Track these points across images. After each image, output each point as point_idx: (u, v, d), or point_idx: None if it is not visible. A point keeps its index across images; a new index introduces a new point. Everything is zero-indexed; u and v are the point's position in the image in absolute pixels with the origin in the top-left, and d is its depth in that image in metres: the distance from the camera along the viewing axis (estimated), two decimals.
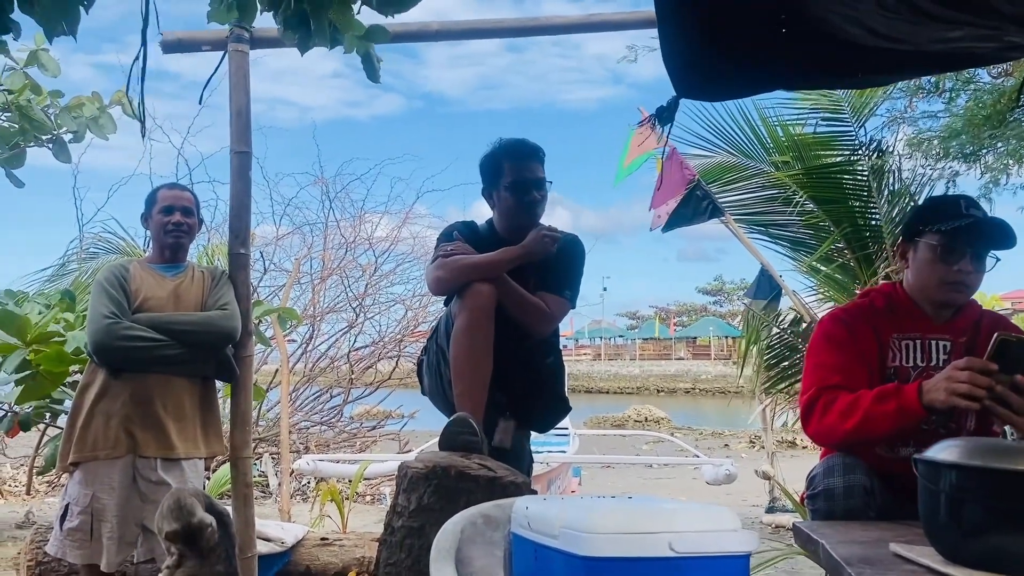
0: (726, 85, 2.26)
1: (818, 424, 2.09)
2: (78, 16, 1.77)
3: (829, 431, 2.07)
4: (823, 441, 2.17)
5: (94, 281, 3.07)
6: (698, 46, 1.97)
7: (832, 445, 2.14)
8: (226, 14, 2.31)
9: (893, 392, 1.99)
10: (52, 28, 1.72)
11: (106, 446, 2.90)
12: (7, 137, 6.54)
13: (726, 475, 6.42)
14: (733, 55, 2.01)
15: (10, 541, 5.92)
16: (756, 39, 1.95)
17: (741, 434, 17.69)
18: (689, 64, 2.01)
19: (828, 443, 2.16)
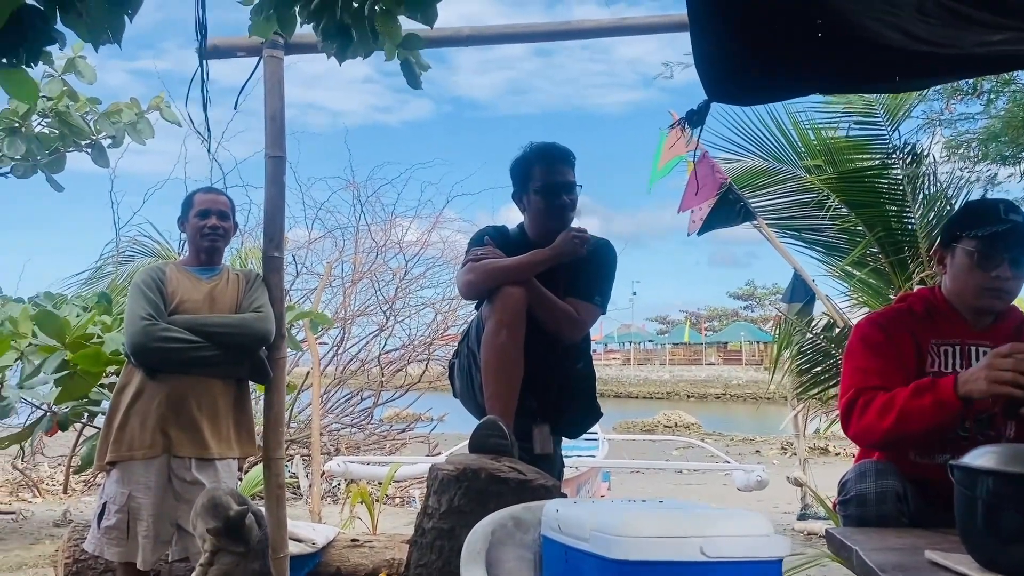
0: (758, 89, 2.25)
1: (857, 424, 2.07)
2: (123, 24, 1.81)
3: (868, 430, 2.05)
4: (863, 441, 2.15)
5: (131, 283, 3.12)
6: (730, 50, 1.97)
7: (872, 445, 2.12)
8: (267, 27, 2.35)
9: (929, 386, 1.97)
10: (97, 37, 1.76)
11: (142, 446, 2.94)
12: (47, 142, 6.69)
13: (757, 481, 6.36)
14: (766, 59, 2.00)
15: (48, 539, 6.03)
16: (790, 43, 1.94)
17: (772, 440, 17.51)
18: (721, 68, 2.00)
19: (868, 443, 2.14)
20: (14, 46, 1.70)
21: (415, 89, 2.64)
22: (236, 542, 2.35)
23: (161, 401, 2.95)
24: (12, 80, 1.79)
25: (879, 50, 1.88)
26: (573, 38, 3.67)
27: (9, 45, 1.69)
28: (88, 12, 1.71)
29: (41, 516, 7.17)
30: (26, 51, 1.74)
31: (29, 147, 6.53)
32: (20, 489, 8.54)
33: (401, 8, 2.25)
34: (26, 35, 1.68)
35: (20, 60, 1.75)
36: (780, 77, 2.10)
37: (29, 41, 1.71)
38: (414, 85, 2.60)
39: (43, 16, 1.67)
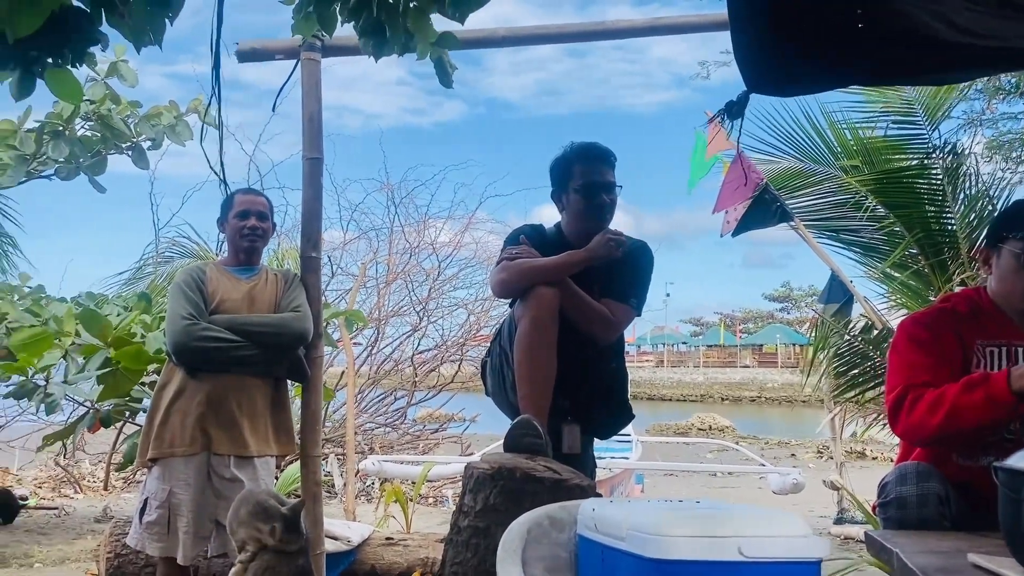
0: (798, 80, 2.22)
1: (906, 421, 2.04)
2: (164, 26, 1.85)
3: (918, 427, 2.02)
4: (912, 438, 2.12)
5: (172, 283, 3.17)
6: (770, 40, 1.95)
7: (922, 442, 2.09)
8: (308, 26, 2.38)
9: (980, 381, 1.94)
10: (140, 38, 1.80)
11: (182, 443, 2.99)
12: (90, 145, 6.83)
13: (793, 484, 6.29)
14: (806, 50, 1.97)
15: (89, 534, 6.15)
16: (830, 34, 1.91)
17: (808, 444, 17.31)
18: (761, 59, 1.98)
19: (918, 440, 2.11)
20: (59, 47, 1.74)
21: (447, 88, 2.67)
22: (296, 537, 2.38)
23: (201, 399, 2.99)
24: (58, 80, 1.83)
25: (921, 41, 1.85)
26: (608, 38, 3.67)
27: (54, 46, 1.73)
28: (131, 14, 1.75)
29: (82, 512, 7.31)
30: (71, 51, 1.78)
31: (72, 150, 6.69)
32: (62, 485, 8.71)
33: (433, 6, 2.27)
34: (71, 36, 1.72)
35: (65, 60, 1.79)
36: (820, 68, 2.07)
37: (74, 42, 1.75)
38: (446, 84, 2.63)
39: (88, 17, 1.71)
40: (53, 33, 1.54)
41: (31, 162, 6.75)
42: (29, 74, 1.78)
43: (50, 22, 1.57)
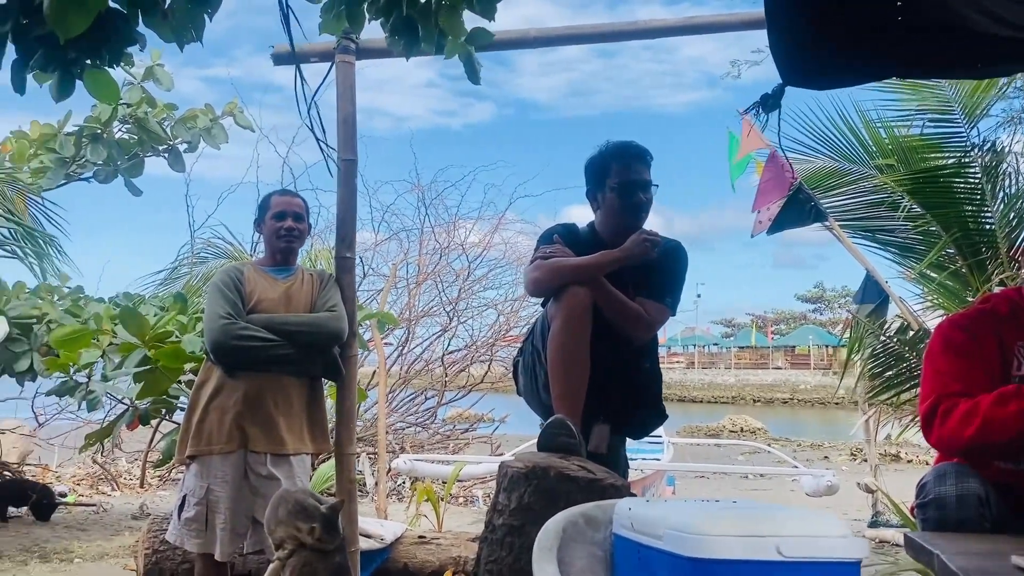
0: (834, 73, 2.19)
1: (939, 432, 2.02)
2: (204, 23, 1.88)
3: (950, 439, 2.00)
4: (945, 449, 2.10)
5: (210, 283, 3.22)
6: (807, 32, 1.93)
7: (956, 453, 2.07)
8: (337, 24, 2.41)
9: (1014, 394, 1.91)
10: (182, 35, 1.83)
11: (220, 441, 3.03)
12: (127, 147, 6.96)
13: (827, 486, 6.23)
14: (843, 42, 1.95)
15: (127, 530, 6.26)
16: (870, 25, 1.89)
17: (841, 446, 17.12)
18: (797, 50, 1.96)
19: (952, 451, 2.09)
20: (97, 47, 1.78)
21: (475, 84, 2.69)
22: (334, 536, 2.40)
23: (238, 398, 3.02)
24: (95, 81, 1.86)
25: (962, 34, 1.82)
26: (641, 38, 3.66)
27: (92, 46, 1.76)
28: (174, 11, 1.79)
29: (120, 509, 7.43)
30: (108, 52, 1.81)
31: (110, 152, 6.81)
32: (100, 482, 8.86)
33: (463, 4, 2.28)
34: (109, 37, 1.75)
35: (103, 61, 1.83)
36: (857, 60, 2.04)
37: (111, 43, 1.78)
38: (475, 81, 2.65)
39: (124, 18, 1.74)
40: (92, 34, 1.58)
41: (70, 165, 6.89)
42: (68, 75, 1.81)
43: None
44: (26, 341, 5.79)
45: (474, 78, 2.65)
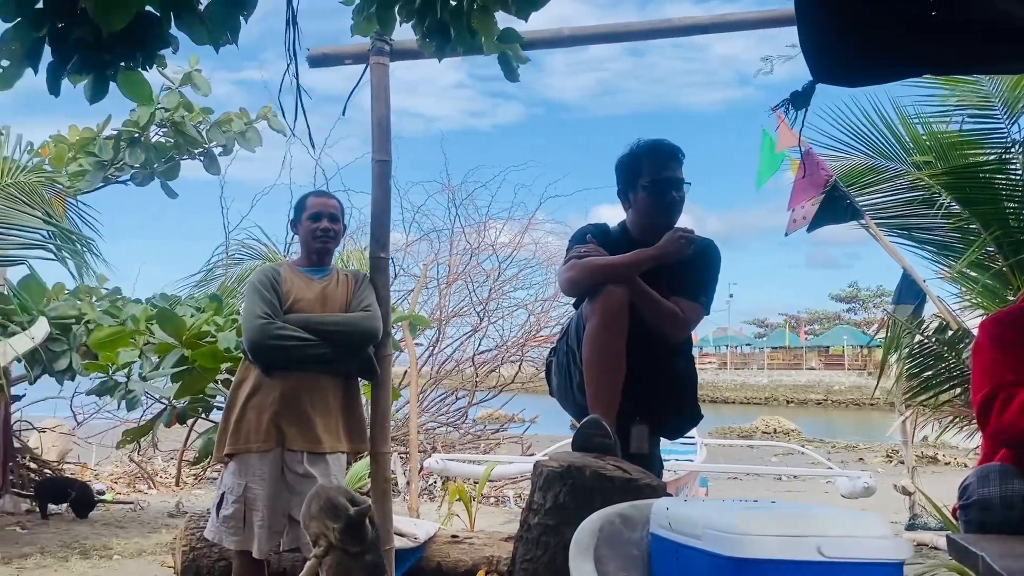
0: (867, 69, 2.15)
1: (997, 422, 1.99)
2: (239, 25, 1.90)
3: (1009, 427, 1.98)
4: (1004, 438, 2.07)
5: (248, 283, 3.25)
6: (838, 29, 1.90)
7: (1014, 443, 2.04)
8: (368, 26, 2.42)
9: None
10: (217, 37, 1.85)
11: (257, 439, 3.05)
12: (163, 151, 7.07)
13: (864, 488, 6.15)
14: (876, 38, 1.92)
15: (164, 528, 6.35)
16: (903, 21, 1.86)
17: (877, 448, 16.90)
18: (828, 47, 1.93)
19: (1010, 440, 2.06)
20: (131, 49, 1.81)
21: (513, 82, 2.67)
22: (355, 541, 2.41)
23: (276, 397, 3.05)
24: (129, 83, 1.89)
25: (1000, 30, 1.79)
26: (671, 36, 3.64)
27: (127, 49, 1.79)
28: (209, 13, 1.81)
29: (156, 507, 7.54)
30: (142, 54, 1.84)
31: (147, 156, 6.93)
32: (137, 481, 9.00)
33: (497, 5, 2.28)
34: (143, 39, 1.78)
35: (137, 63, 1.86)
36: (890, 56, 2.00)
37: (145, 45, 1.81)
38: (512, 78, 2.63)
39: (159, 20, 1.77)
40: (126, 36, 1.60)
41: (108, 168, 7.02)
42: (103, 77, 1.84)
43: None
44: (65, 341, 5.91)
45: (512, 76, 2.63)
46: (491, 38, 2.41)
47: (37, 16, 1.69)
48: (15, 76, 1.75)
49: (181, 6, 1.78)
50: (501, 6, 2.29)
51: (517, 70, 2.60)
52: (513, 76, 2.61)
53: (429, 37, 2.35)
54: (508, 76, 2.60)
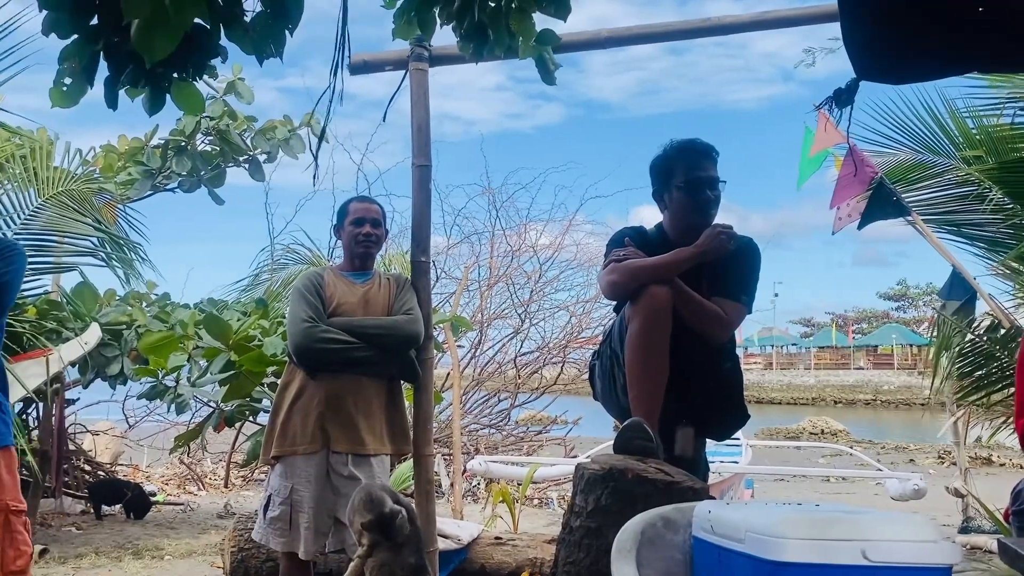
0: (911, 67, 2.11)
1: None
2: (284, 39, 1.94)
3: None
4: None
5: (292, 288, 3.31)
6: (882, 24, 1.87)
7: None
8: (409, 29, 2.44)
9: None
10: (262, 51, 1.89)
11: (303, 441, 3.10)
12: (209, 159, 7.22)
13: (914, 490, 6.02)
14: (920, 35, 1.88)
15: (213, 529, 6.47)
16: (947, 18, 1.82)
17: (928, 449, 16.55)
18: (871, 43, 1.90)
19: None
20: (183, 61, 1.85)
21: (549, 85, 2.68)
22: (385, 537, 2.44)
23: (320, 399, 3.10)
24: (182, 93, 1.94)
25: None
26: (712, 35, 3.61)
27: (179, 61, 1.84)
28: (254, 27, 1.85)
29: (206, 508, 7.69)
30: (193, 66, 1.89)
31: (194, 164, 7.08)
32: (186, 483, 9.17)
33: (535, 5, 2.29)
34: (194, 51, 1.82)
35: (189, 74, 1.91)
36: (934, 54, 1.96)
37: (196, 56, 1.86)
38: (549, 81, 2.64)
39: (208, 32, 1.81)
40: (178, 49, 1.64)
41: (156, 176, 7.18)
42: (159, 90, 1.89)
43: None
44: (117, 346, 6.06)
45: (548, 78, 2.64)
46: (529, 39, 2.42)
47: (93, 32, 1.74)
48: (80, 92, 1.81)
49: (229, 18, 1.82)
50: (538, 7, 2.30)
51: (553, 73, 2.60)
52: (549, 79, 2.61)
53: (468, 39, 2.36)
54: (545, 79, 2.61)
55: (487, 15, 2.27)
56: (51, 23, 1.71)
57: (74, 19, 1.71)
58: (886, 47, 1.91)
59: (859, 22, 1.88)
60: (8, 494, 2.68)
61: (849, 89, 2.08)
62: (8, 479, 2.70)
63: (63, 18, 1.71)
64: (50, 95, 1.82)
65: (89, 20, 1.72)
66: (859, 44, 1.89)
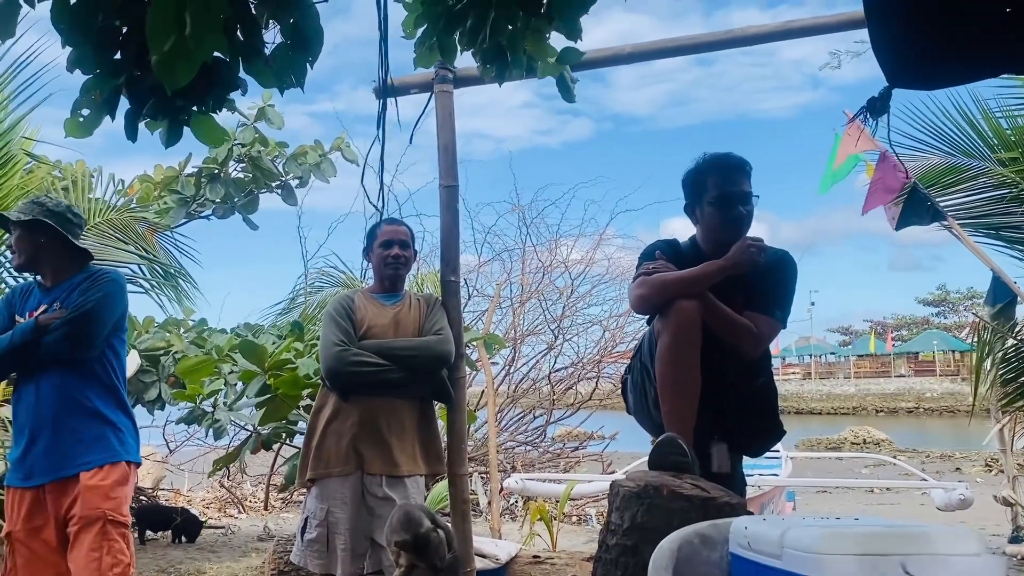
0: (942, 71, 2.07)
1: None
2: (305, 70, 1.97)
3: None
4: None
5: (324, 312, 3.34)
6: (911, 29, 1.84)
7: None
8: (431, 57, 2.47)
9: None
10: (283, 82, 1.93)
11: (338, 464, 3.12)
12: (242, 185, 7.33)
13: (960, 500, 5.89)
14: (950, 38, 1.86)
15: (253, 552, 6.51)
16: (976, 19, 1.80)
17: (974, 456, 16.19)
18: (901, 49, 1.88)
19: None
20: (202, 95, 1.89)
21: (570, 103, 2.69)
22: (421, 557, 2.44)
23: (354, 421, 3.12)
24: (201, 127, 1.97)
25: None
26: (737, 46, 3.60)
27: (198, 94, 1.87)
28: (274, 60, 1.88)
29: (246, 531, 7.75)
30: (213, 99, 1.92)
31: (227, 191, 7.19)
32: (227, 506, 9.26)
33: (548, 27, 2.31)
34: (213, 84, 1.86)
35: (208, 108, 1.94)
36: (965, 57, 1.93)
37: (216, 90, 1.89)
38: (569, 99, 2.65)
39: (227, 65, 1.85)
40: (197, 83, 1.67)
41: (191, 204, 7.30)
42: (176, 123, 1.93)
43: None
44: (155, 372, 6.15)
45: (569, 97, 2.65)
46: (545, 59, 2.43)
47: (115, 66, 1.79)
48: (95, 124, 1.86)
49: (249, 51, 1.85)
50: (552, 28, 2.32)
51: (573, 91, 2.61)
52: (570, 97, 2.63)
53: (488, 62, 2.39)
54: (565, 97, 2.63)
55: (505, 38, 2.29)
56: (76, 59, 1.75)
57: (98, 54, 1.75)
58: (915, 52, 1.88)
59: (886, 28, 1.85)
60: (108, 504, 2.88)
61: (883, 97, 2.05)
62: (113, 492, 2.90)
63: (87, 53, 1.75)
64: (65, 125, 1.87)
65: (112, 55, 1.77)
66: (888, 50, 1.87)
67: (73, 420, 2.91)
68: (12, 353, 2.92)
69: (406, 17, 2.40)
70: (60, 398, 2.92)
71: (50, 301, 2.99)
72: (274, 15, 1.83)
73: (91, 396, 2.95)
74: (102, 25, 1.73)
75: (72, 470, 2.89)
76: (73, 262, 3.08)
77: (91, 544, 2.83)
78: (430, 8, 2.29)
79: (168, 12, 1.50)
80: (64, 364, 2.92)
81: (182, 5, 1.50)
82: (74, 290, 2.99)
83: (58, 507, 2.90)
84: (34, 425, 2.93)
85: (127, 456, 3.00)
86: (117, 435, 2.98)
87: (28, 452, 2.93)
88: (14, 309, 3.06)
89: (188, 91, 1.72)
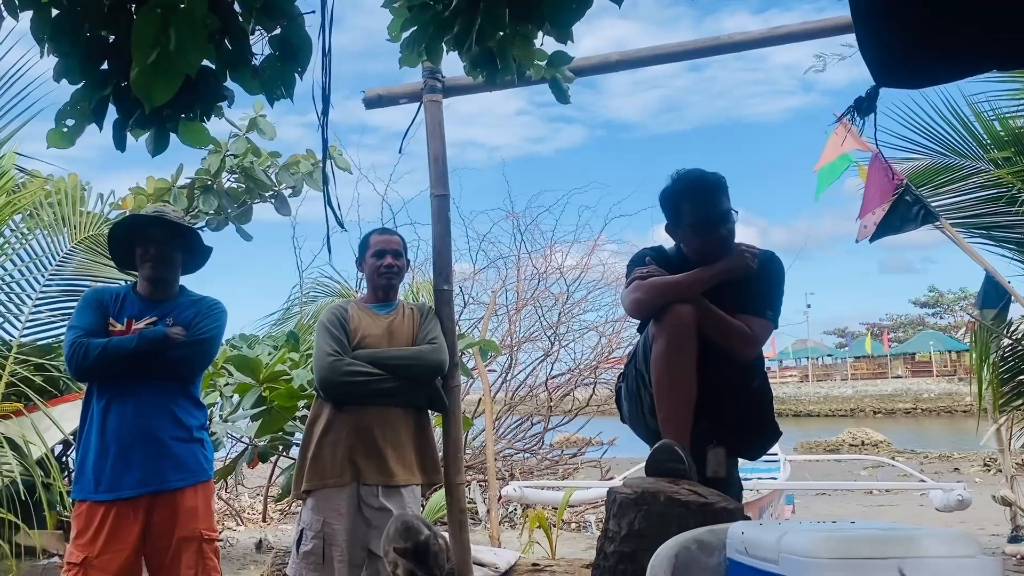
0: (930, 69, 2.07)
1: None
2: (295, 81, 1.97)
3: None
4: None
5: (317, 322, 3.33)
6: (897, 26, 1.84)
7: None
8: (416, 58, 2.46)
9: None
10: (272, 92, 1.92)
11: (333, 475, 3.11)
12: (236, 196, 7.31)
13: (958, 501, 5.88)
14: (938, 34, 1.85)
15: (252, 564, 6.47)
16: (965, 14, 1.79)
17: (973, 456, 16.21)
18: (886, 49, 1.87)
19: None
20: (190, 104, 1.89)
21: (564, 104, 2.68)
22: (420, 566, 2.43)
23: (349, 432, 3.11)
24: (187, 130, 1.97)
25: None
26: (725, 52, 3.60)
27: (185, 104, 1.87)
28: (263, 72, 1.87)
29: (244, 543, 7.70)
30: (200, 108, 1.92)
31: (221, 202, 7.18)
32: (224, 518, 9.21)
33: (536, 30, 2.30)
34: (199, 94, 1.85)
35: (195, 116, 1.94)
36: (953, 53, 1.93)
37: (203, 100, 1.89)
38: (563, 100, 2.64)
39: (214, 75, 1.84)
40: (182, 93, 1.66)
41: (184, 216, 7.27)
42: (163, 131, 1.92)
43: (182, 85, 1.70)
44: None
45: (563, 98, 2.64)
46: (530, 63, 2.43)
47: (102, 77, 1.78)
48: (77, 134, 1.85)
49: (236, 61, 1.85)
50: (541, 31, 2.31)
51: (567, 93, 2.61)
52: (564, 98, 2.62)
53: (476, 66, 2.38)
54: (559, 99, 2.61)
55: (494, 42, 2.29)
56: (62, 70, 1.75)
57: (85, 65, 1.75)
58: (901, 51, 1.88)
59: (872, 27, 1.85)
60: (203, 523, 2.98)
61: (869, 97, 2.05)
62: (205, 510, 3.01)
63: (74, 64, 1.74)
64: (48, 136, 1.86)
65: (99, 66, 1.76)
66: (874, 50, 1.87)
67: (170, 435, 2.94)
68: (132, 358, 2.88)
69: (392, 21, 2.39)
70: (160, 412, 2.93)
71: (159, 315, 2.98)
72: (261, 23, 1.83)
73: (188, 414, 3.00)
74: (89, 36, 1.72)
75: (167, 485, 2.92)
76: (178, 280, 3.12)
77: (187, 563, 2.92)
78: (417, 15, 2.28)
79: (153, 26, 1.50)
80: (170, 380, 2.96)
81: (167, 19, 1.49)
82: (185, 309, 3.01)
83: (149, 519, 2.91)
84: (126, 438, 2.89)
85: (211, 473, 3.11)
86: (203, 452, 3.05)
87: (116, 464, 2.88)
88: (107, 311, 3.00)
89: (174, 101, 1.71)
